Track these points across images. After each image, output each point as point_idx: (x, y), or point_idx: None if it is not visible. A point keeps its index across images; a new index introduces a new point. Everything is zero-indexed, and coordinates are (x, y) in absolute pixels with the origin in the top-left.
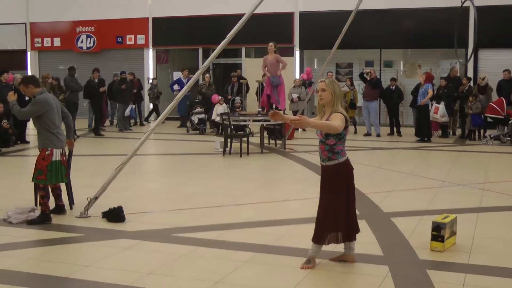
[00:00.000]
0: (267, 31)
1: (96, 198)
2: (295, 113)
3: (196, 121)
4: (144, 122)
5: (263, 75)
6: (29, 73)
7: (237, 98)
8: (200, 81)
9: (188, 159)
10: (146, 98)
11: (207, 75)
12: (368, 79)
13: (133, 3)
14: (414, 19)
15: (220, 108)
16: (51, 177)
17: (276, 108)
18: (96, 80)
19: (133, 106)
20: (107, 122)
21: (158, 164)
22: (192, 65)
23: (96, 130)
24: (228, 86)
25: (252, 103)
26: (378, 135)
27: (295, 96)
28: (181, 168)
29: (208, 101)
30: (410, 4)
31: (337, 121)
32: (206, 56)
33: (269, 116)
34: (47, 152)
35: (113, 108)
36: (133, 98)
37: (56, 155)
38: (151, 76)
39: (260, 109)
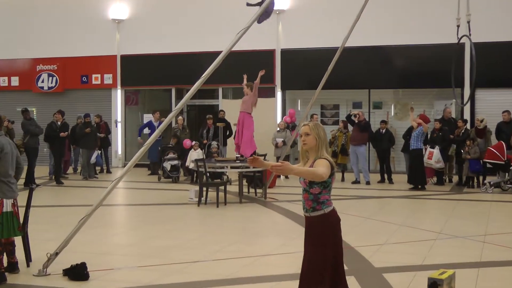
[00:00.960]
0: (246, 70)
1: (56, 253)
2: (278, 159)
3: (168, 168)
4: (112, 170)
5: None
6: None
7: (214, 143)
8: (173, 125)
9: (159, 209)
10: (115, 142)
11: (180, 117)
12: (356, 121)
13: (100, 40)
14: (405, 56)
15: (194, 154)
16: (2, 230)
17: (255, 153)
18: (59, 123)
19: (99, 151)
20: (70, 169)
21: (126, 215)
22: (164, 107)
23: (58, 178)
24: (204, 129)
25: (232, 148)
26: (368, 183)
27: (279, 140)
28: (152, 219)
29: (182, 146)
30: (400, 41)
31: (322, 168)
32: (179, 97)
33: (248, 162)
34: None
35: (76, 154)
36: (99, 143)
37: (7, 205)
38: (119, 119)
39: (239, 155)
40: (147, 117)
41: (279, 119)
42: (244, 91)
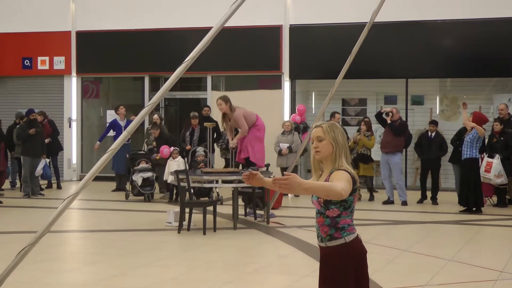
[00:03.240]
0: (244, 53)
1: None
2: (284, 170)
3: (139, 182)
4: (63, 186)
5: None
6: None
7: (200, 149)
8: (147, 125)
9: (127, 237)
10: (68, 148)
11: (156, 115)
12: (389, 121)
13: (49, 11)
14: (455, 35)
15: (174, 164)
16: None
17: (250, 163)
18: None
19: (47, 160)
20: (7, 184)
21: (82, 245)
22: (135, 101)
23: None
24: (187, 131)
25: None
26: (404, 203)
27: (284, 146)
28: (116, 251)
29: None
30: (448, 15)
31: (340, 182)
32: (155, 88)
33: (243, 179)
34: None
35: (15, 163)
36: (45, 149)
37: None
38: (74, 117)
39: (233, 167)
40: (112, 115)
41: (285, 118)
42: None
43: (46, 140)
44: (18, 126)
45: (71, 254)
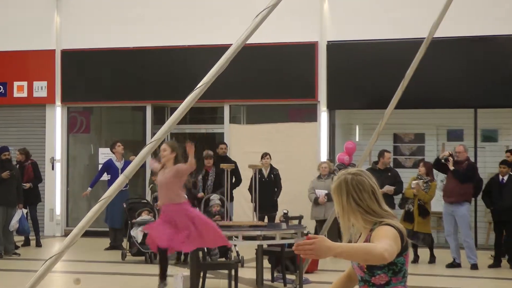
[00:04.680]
0: (270, 76)
1: None
2: (320, 223)
3: (139, 239)
4: (43, 243)
5: (262, 156)
6: None
7: (215, 197)
8: (150, 165)
9: None
10: (50, 195)
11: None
12: (451, 167)
13: (30, 25)
14: None
15: None
16: None
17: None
18: None
19: (24, 211)
20: None
21: None
22: (134, 137)
23: None
24: (199, 175)
25: (242, 206)
26: (474, 267)
27: (321, 193)
28: None
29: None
30: None
31: (383, 241)
32: (159, 120)
33: (295, 249)
34: None
35: None
36: (22, 197)
37: None
38: (57, 156)
39: (258, 219)
40: (106, 154)
41: (322, 157)
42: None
43: (26, 185)
44: None
45: None
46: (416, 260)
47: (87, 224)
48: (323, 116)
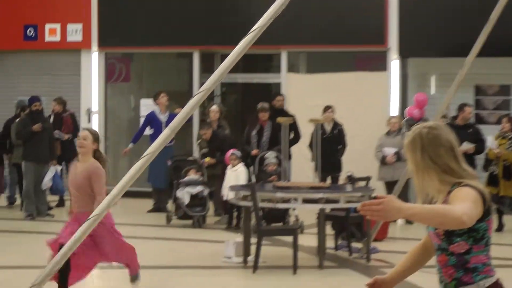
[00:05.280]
0: (333, 20)
1: None
2: (390, 186)
3: (186, 201)
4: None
5: (325, 110)
6: None
7: (271, 155)
8: (197, 120)
9: (170, 277)
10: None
11: (214, 106)
12: None
13: None
14: None
15: (233, 175)
16: None
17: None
18: None
19: (58, 168)
20: (2, 200)
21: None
22: (180, 87)
23: None
24: (253, 130)
25: (302, 165)
26: None
27: (390, 151)
28: None
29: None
30: None
31: (463, 203)
32: (208, 68)
33: (360, 210)
34: None
35: (14, 171)
36: (59, 151)
37: None
38: (95, 107)
39: (319, 180)
40: (148, 105)
41: (392, 112)
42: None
43: (65, 136)
44: (18, 120)
45: None
46: (500, 228)
47: (128, 184)
48: (394, 64)
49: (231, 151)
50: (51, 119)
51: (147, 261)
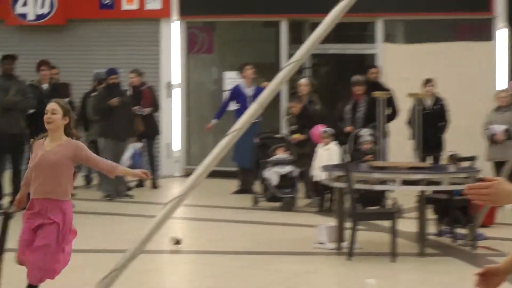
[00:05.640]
0: None
1: None
2: (499, 168)
3: (275, 181)
4: (160, 184)
5: (425, 83)
6: None
7: (366, 133)
8: (285, 95)
9: (256, 264)
10: (167, 128)
11: (304, 80)
12: None
13: None
14: None
15: (325, 154)
16: None
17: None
18: (45, 86)
19: (138, 145)
20: (79, 179)
21: (190, 274)
22: (267, 59)
23: None
24: (346, 105)
25: (400, 143)
26: None
27: (499, 129)
28: (242, 284)
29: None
30: None
31: None
32: (297, 39)
33: (466, 193)
34: None
35: (91, 149)
36: (140, 127)
37: None
38: (175, 81)
39: (419, 159)
40: (233, 78)
41: (501, 85)
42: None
43: (145, 110)
44: (95, 93)
45: (175, 285)
46: None
47: (212, 163)
48: (502, 33)
49: (322, 128)
50: (130, 92)
51: (232, 246)
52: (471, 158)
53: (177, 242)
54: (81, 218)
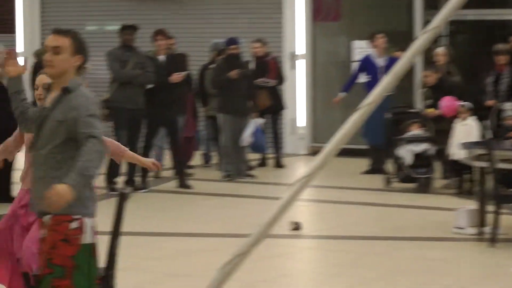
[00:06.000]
0: None
1: None
2: None
3: (409, 160)
4: (284, 163)
5: None
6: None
7: (509, 107)
8: (419, 64)
9: (387, 251)
10: (291, 103)
11: (441, 49)
12: None
13: None
14: None
15: (463, 130)
16: (80, 282)
17: None
18: (162, 58)
19: (260, 121)
20: (197, 158)
21: (315, 260)
22: (399, 27)
23: (180, 175)
24: (488, 76)
25: None
26: None
27: None
28: (372, 271)
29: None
30: None
31: None
32: (432, 4)
33: None
34: (74, 225)
35: (211, 125)
36: (264, 101)
37: (89, 231)
38: (300, 51)
39: None
40: (362, 48)
41: None
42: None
43: (270, 81)
44: (213, 65)
45: (299, 272)
46: None
47: (342, 140)
48: None
49: (455, 101)
50: (252, 64)
51: (362, 231)
52: None
53: (296, 227)
54: (199, 200)
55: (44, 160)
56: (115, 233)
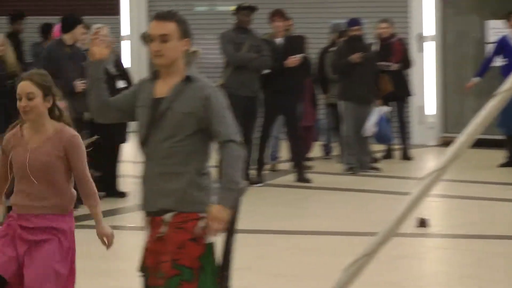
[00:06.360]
0: None
1: None
2: None
3: None
4: (412, 155)
5: None
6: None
7: None
8: None
9: None
10: (419, 89)
11: None
12: None
13: None
14: None
15: None
16: (206, 284)
17: None
18: (279, 40)
19: (384, 109)
20: (316, 150)
21: (449, 261)
22: None
23: (298, 168)
24: None
25: None
26: None
27: None
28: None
29: None
30: None
31: None
32: None
33: None
34: (201, 223)
35: (330, 115)
36: (386, 87)
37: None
38: (428, 32)
39: None
40: (498, 28)
41: None
42: None
43: (392, 65)
44: (334, 48)
45: (432, 274)
46: None
47: (477, 130)
48: None
49: None
50: (377, 46)
51: (500, 229)
52: None
53: (423, 223)
54: (319, 194)
55: (167, 153)
56: (231, 231)
